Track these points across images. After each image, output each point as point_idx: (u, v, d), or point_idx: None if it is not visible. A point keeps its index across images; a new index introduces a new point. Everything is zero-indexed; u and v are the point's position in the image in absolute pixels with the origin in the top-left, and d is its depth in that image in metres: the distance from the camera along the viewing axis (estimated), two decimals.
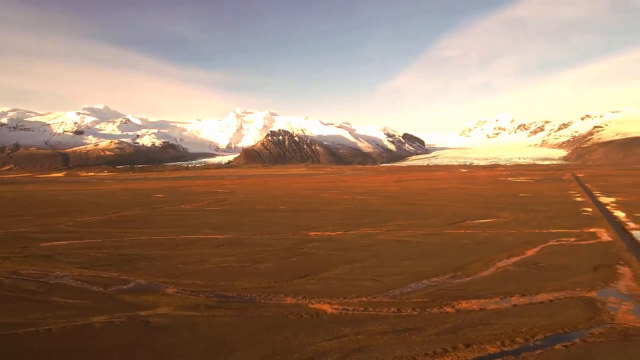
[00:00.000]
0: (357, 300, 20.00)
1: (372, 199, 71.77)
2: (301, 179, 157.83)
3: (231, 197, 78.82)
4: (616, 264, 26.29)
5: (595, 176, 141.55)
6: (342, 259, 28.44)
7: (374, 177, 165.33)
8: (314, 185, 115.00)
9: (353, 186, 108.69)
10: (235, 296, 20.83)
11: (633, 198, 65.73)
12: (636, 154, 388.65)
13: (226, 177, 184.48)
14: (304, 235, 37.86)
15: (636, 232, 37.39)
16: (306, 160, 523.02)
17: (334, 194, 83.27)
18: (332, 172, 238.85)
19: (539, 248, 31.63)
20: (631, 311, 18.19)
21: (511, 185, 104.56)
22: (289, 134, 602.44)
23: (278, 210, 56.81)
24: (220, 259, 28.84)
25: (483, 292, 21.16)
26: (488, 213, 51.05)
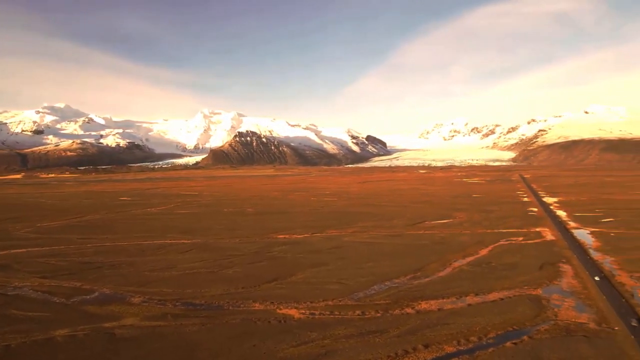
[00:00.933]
0: (324, 304, 20.13)
1: (338, 200, 72.27)
2: (269, 180, 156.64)
3: (199, 200, 77.19)
4: (559, 262, 27.74)
5: (540, 177, 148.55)
6: (309, 262, 28.52)
7: (339, 178, 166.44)
8: (281, 187, 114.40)
9: (319, 188, 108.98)
10: (204, 304, 20.40)
11: (573, 198, 69.53)
12: (575, 156, 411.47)
13: (194, 179, 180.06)
14: (272, 238, 37.67)
15: (576, 231, 39.58)
16: (274, 161, 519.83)
17: (301, 195, 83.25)
18: (299, 173, 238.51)
19: (490, 247, 32.89)
20: (572, 307, 19.27)
21: (465, 186, 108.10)
22: (256, 135, 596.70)
23: (246, 213, 56.16)
24: (188, 264, 28.21)
25: (441, 293, 21.81)
26: (445, 214, 52.55)
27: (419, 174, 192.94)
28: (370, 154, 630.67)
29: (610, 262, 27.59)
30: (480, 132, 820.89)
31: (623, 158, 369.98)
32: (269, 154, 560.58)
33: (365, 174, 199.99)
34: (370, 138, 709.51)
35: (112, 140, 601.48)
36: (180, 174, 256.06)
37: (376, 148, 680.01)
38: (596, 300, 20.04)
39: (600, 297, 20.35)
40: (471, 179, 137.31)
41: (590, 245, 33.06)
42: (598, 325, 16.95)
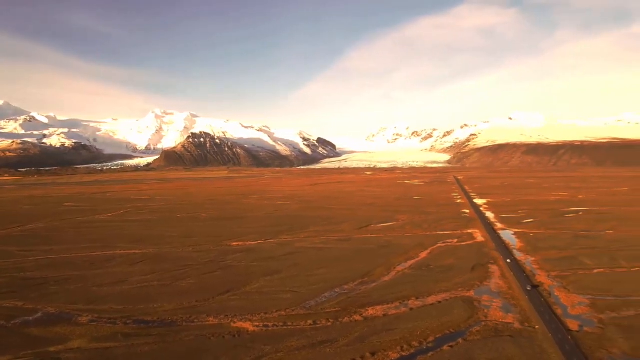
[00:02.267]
0: (277, 314, 20.03)
1: (290, 204, 71.96)
2: (223, 182, 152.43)
3: (151, 205, 73.59)
4: (488, 263, 29.48)
5: (472, 178, 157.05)
6: (262, 271, 28.22)
7: (291, 180, 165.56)
8: (235, 190, 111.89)
9: (273, 190, 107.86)
10: (156, 320, 19.49)
11: (499, 199, 74.17)
12: (501, 158, 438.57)
13: (145, 182, 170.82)
14: (226, 246, 36.83)
15: (502, 232, 42.26)
16: (228, 163, 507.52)
17: (255, 199, 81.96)
18: (252, 175, 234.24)
19: (429, 250, 34.28)
20: (500, 308, 20.58)
21: (407, 187, 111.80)
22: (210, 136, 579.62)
23: (200, 219, 54.38)
24: (139, 277, 26.87)
25: (386, 297, 22.44)
26: (389, 216, 53.96)
27: (365, 176, 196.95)
28: (321, 155, 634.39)
29: (531, 262, 29.78)
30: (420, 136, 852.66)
31: (541, 160, 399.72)
32: (223, 155, 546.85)
33: (316, 176, 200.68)
34: (320, 140, 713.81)
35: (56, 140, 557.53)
36: (131, 176, 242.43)
37: (326, 150, 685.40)
38: (519, 300, 21.55)
39: (523, 296, 21.88)
40: (412, 181, 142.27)
41: (514, 246, 35.44)
42: (521, 325, 18.26)
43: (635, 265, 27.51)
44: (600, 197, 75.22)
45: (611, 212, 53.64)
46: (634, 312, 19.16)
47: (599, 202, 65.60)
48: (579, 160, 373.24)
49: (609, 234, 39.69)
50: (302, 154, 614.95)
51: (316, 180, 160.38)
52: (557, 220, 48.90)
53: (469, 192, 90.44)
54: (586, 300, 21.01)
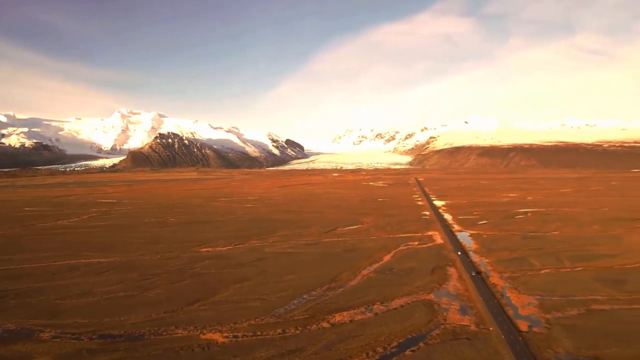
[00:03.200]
0: (247, 324, 19.75)
1: (260, 206, 71.16)
2: (192, 184, 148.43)
3: (117, 209, 70.57)
4: (446, 266, 30.39)
5: (431, 180, 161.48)
6: (232, 278, 27.74)
7: (261, 182, 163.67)
8: (205, 192, 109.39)
9: (242, 192, 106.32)
10: (123, 334, 18.64)
11: (456, 201, 76.69)
12: (458, 160, 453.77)
13: (111, 184, 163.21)
14: (196, 253, 35.91)
15: (459, 234, 43.69)
16: (197, 164, 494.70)
17: (225, 202, 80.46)
18: (222, 176, 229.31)
19: (393, 253, 34.89)
20: (457, 310, 21.26)
21: (372, 189, 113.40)
22: (178, 137, 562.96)
23: (168, 224, 52.69)
24: (105, 288, 25.66)
25: (352, 303, 22.63)
26: (355, 219, 54.48)
27: (332, 177, 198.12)
28: (290, 156, 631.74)
29: (485, 263, 30.95)
30: (384, 138, 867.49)
31: (494, 162, 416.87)
32: (192, 156, 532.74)
33: (285, 178, 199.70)
34: (289, 142, 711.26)
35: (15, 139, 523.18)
36: (96, 178, 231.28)
37: (295, 151, 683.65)
38: (475, 302, 22.36)
39: (478, 298, 22.71)
40: (376, 183, 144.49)
41: (470, 247, 36.72)
42: (477, 327, 18.94)
43: (577, 265, 29.18)
44: (547, 198, 79.31)
45: (556, 213, 56.65)
46: (577, 311, 20.32)
47: (545, 203, 69.14)
48: (527, 162, 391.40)
49: (554, 234, 41.88)
50: (271, 155, 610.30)
51: (285, 182, 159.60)
52: (508, 221, 51.09)
53: (428, 194, 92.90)
54: (535, 301, 22.08)
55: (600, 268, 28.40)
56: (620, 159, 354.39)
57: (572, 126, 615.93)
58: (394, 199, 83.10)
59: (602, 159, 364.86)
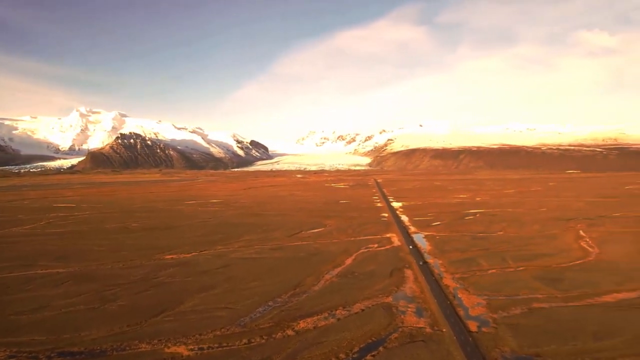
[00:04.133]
0: (212, 335, 19.34)
1: (225, 210, 69.82)
2: (156, 187, 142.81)
3: (76, 214, 66.66)
4: (404, 268, 31.27)
5: (389, 181, 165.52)
6: (197, 287, 27.02)
7: (226, 184, 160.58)
8: (169, 195, 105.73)
9: (207, 195, 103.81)
10: (84, 351, 17.55)
11: (412, 202, 79.14)
12: (413, 162, 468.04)
13: (70, 186, 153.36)
14: (160, 260, 34.62)
15: (415, 235, 45.06)
16: (160, 165, 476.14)
17: (189, 205, 78.15)
18: (186, 178, 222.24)
19: (354, 256, 35.39)
20: (414, 313, 21.96)
21: (334, 191, 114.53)
22: (141, 137, 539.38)
23: (131, 230, 50.43)
24: (64, 301, 24.14)
25: (316, 308, 22.77)
26: (318, 222, 54.79)
27: (296, 179, 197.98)
28: (254, 158, 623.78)
29: (439, 264, 32.13)
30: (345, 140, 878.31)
31: (446, 163, 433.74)
32: (155, 157, 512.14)
33: (250, 179, 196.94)
34: (254, 143, 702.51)
35: None
36: (53, 180, 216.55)
37: (259, 152, 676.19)
38: (430, 304, 23.18)
39: (432, 300, 23.57)
40: (338, 184, 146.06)
41: (425, 249, 37.98)
42: (432, 329, 19.66)
43: (520, 265, 30.93)
44: (493, 199, 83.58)
45: (501, 214, 59.84)
46: (520, 310, 21.56)
47: (492, 204, 72.83)
48: (476, 164, 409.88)
49: (499, 234, 44.17)
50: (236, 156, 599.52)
51: (250, 183, 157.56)
52: (459, 222, 53.38)
53: (387, 195, 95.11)
54: (483, 301, 23.21)
55: (540, 267, 30.29)
56: (557, 161, 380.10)
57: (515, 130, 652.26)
58: (355, 200, 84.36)
59: (541, 160, 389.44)
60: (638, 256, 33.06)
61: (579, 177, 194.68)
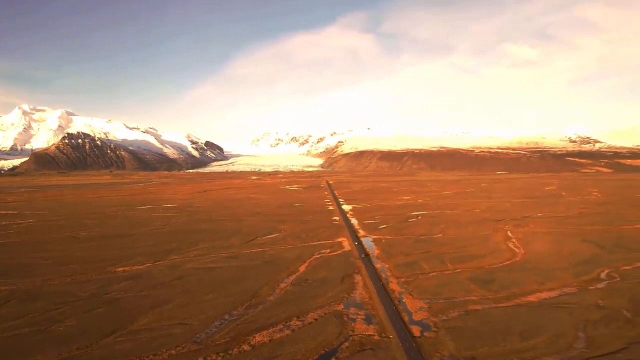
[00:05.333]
0: (167, 355, 18.52)
1: (180, 215, 66.83)
2: (106, 191, 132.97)
3: (19, 222, 60.35)
4: (354, 274, 31.90)
5: (340, 183, 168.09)
6: (152, 302, 25.66)
7: (181, 187, 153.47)
8: (120, 199, 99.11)
9: (161, 199, 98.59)
10: None
11: (362, 205, 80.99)
12: (362, 163, 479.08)
13: (12, 190, 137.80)
14: (111, 274, 32.42)
15: (364, 239, 46.11)
16: (110, 166, 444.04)
17: (143, 211, 73.82)
18: (139, 180, 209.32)
19: (307, 263, 35.48)
20: (363, 320, 22.50)
21: (288, 194, 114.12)
22: (90, 138, 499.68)
23: (80, 240, 46.67)
24: (6, 324, 21.81)
25: (271, 320, 22.56)
26: (273, 227, 54.22)
27: (252, 181, 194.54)
28: (210, 159, 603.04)
29: (386, 269, 33.16)
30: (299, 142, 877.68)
31: (391, 165, 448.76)
32: (105, 158, 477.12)
33: (206, 182, 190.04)
34: (209, 144, 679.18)
35: None
36: None
37: (215, 154, 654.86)
38: (378, 310, 23.89)
39: (380, 306, 24.30)
40: (292, 186, 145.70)
41: (373, 253, 38.98)
42: (380, 336, 20.29)
43: (457, 267, 32.78)
44: (433, 200, 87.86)
45: (440, 216, 63.07)
46: (457, 313, 22.86)
47: (432, 206, 76.54)
48: (418, 166, 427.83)
49: (439, 237, 46.46)
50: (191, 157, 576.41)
51: (206, 186, 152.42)
52: (404, 225, 55.46)
53: (338, 198, 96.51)
54: (425, 305, 24.33)
55: (475, 269, 32.31)
56: (488, 163, 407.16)
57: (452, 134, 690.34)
58: (308, 204, 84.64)
59: (474, 162, 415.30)
60: (556, 256, 36.20)
61: (506, 178, 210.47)
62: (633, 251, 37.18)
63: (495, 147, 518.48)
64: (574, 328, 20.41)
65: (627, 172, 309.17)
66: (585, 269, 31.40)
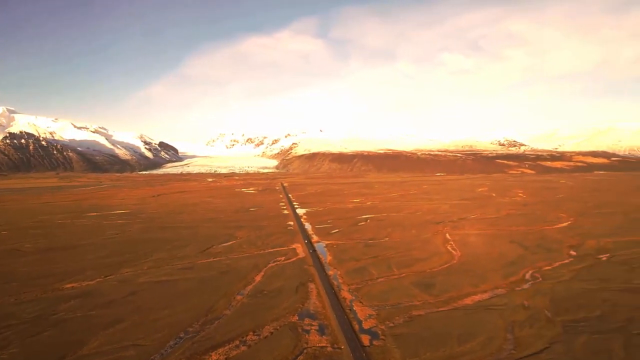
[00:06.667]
0: None
1: (133, 223, 62.62)
2: (53, 195, 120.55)
3: None
4: (308, 282, 32.09)
5: (295, 185, 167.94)
6: (102, 322, 23.92)
7: (133, 190, 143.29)
8: (68, 205, 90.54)
9: (112, 204, 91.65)
10: None
11: (315, 208, 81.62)
12: (315, 165, 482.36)
13: None
14: (58, 291, 29.68)
15: (317, 244, 46.59)
16: (57, 168, 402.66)
17: (92, 218, 68.02)
18: (88, 183, 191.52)
19: (263, 272, 35.05)
20: (317, 331, 22.75)
21: (244, 197, 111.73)
22: (34, 137, 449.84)
23: (23, 253, 42.05)
24: None
25: (228, 336, 22.05)
26: (229, 234, 52.86)
27: (207, 183, 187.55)
28: (163, 160, 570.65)
29: (338, 275, 33.74)
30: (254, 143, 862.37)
31: (342, 167, 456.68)
32: (51, 159, 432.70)
33: (159, 185, 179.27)
34: (162, 144, 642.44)
35: None
36: None
37: (168, 154, 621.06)
38: (330, 319, 24.28)
39: (332, 315, 24.73)
40: (248, 189, 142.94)
41: (326, 259, 39.45)
42: (332, 347, 20.65)
43: (402, 272, 34.16)
44: (381, 203, 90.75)
45: (387, 219, 65.32)
46: (402, 319, 23.87)
47: (380, 209, 79.06)
48: (366, 167, 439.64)
49: (386, 240, 48.11)
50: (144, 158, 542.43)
51: (160, 189, 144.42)
52: (354, 229, 56.70)
53: (293, 201, 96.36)
54: (374, 312, 25.13)
55: (417, 272, 33.90)
56: (429, 165, 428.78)
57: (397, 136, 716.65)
58: (263, 208, 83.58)
59: (417, 164, 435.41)
60: (488, 257, 38.72)
61: (445, 179, 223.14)
62: (552, 251, 40.97)
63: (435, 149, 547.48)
64: (503, 329, 22.20)
65: (547, 172, 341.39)
66: (512, 270, 34.18)
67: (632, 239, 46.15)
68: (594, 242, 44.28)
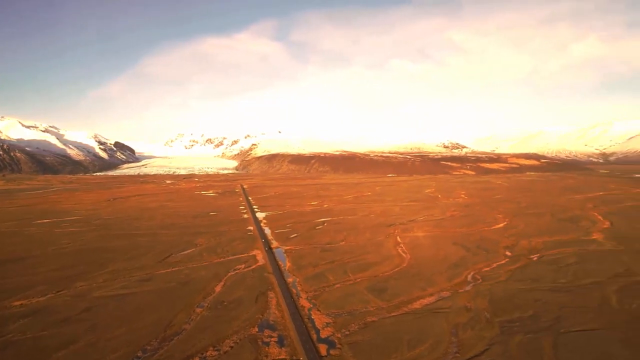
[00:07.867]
0: None
1: (87, 230, 57.75)
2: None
3: None
4: (267, 290, 31.80)
5: (254, 187, 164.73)
6: (55, 343, 22.08)
7: (87, 193, 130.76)
8: (15, 211, 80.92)
9: (64, 210, 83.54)
10: None
11: (274, 212, 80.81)
12: (274, 166, 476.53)
13: None
14: (6, 310, 26.88)
15: (277, 250, 46.23)
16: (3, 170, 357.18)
17: (43, 226, 61.62)
18: (38, 186, 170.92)
19: (223, 281, 34.20)
20: (276, 343, 22.71)
21: (204, 200, 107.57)
22: None
23: None
24: None
25: (187, 353, 21.36)
26: (189, 241, 50.78)
27: (166, 186, 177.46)
28: (120, 160, 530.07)
29: (297, 283, 33.79)
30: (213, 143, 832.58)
31: (300, 168, 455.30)
32: None
33: (115, 187, 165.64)
34: (118, 144, 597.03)
35: None
36: None
37: (125, 155, 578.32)
38: (289, 330, 24.34)
39: (291, 325, 24.80)
40: (208, 191, 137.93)
41: (285, 266, 39.29)
42: (291, 359, 20.73)
43: (357, 277, 34.97)
44: (337, 205, 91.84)
45: (343, 222, 66.29)
46: (357, 326, 24.51)
47: (336, 211, 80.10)
48: (323, 169, 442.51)
49: (342, 245, 48.82)
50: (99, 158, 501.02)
51: (115, 192, 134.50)
52: (311, 233, 56.88)
53: (252, 204, 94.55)
54: (331, 320, 25.56)
55: (371, 277, 34.88)
56: (381, 166, 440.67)
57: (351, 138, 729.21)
58: (223, 212, 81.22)
59: (370, 166, 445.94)
60: (434, 260, 40.59)
61: (396, 181, 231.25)
62: (490, 252, 43.86)
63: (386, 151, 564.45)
64: (448, 333, 23.57)
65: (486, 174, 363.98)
66: (455, 272, 36.25)
67: (558, 238, 50.95)
68: (526, 243, 48.29)
